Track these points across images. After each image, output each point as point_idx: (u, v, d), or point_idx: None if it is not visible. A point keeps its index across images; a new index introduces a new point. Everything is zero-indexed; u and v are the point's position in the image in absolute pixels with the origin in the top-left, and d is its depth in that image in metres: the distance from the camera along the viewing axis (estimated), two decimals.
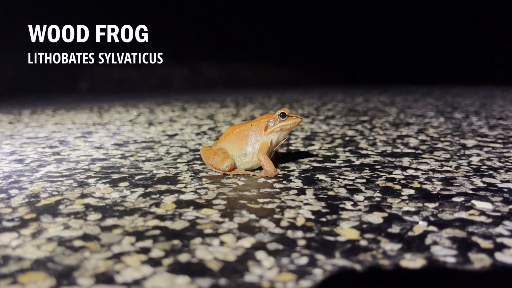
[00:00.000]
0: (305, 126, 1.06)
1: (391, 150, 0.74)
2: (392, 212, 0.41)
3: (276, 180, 0.54)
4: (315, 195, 0.47)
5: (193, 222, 0.39)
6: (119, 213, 0.42)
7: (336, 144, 0.80)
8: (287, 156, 0.70)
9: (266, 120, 0.57)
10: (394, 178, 0.55)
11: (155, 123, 1.16)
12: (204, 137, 0.91)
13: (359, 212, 0.41)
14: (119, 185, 0.52)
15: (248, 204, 0.44)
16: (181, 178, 0.56)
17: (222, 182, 0.54)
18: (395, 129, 0.99)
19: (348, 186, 0.51)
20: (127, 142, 0.86)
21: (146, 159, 0.68)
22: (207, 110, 1.51)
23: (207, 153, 0.59)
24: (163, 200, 0.46)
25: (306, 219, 0.40)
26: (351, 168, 0.60)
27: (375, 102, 1.75)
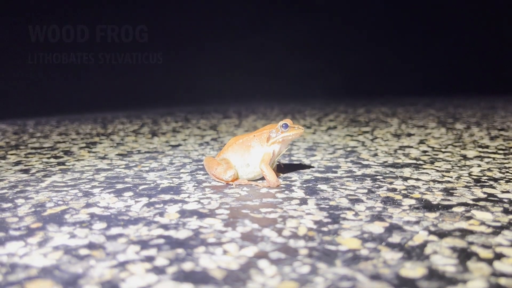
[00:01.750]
0: (307, 136, 1.07)
1: (393, 160, 0.74)
2: (393, 222, 0.42)
3: (278, 190, 0.55)
4: (317, 205, 0.48)
5: (197, 231, 0.40)
6: (123, 222, 0.42)
7: (337, 155, 0.81)
8: (289, 167, 0.70)
9: (268, 131, 0.58)
10: (395, 188, 0.55)
11: (159, 133, 1.17)
12: (207, 147, 0.92)
13: (360, 222, 0.42)
14: (123, 194, 0.53)
15: (251, 214, 0.45)
16: (185, 188, 0.56)
17: (225, 192, 0.54)
18: (396, 139, 0.99)
19: (349, 196, 0.51)
20: (131, 152, 0.86)
21: (150, 169, 0.69)
22: (210, 120, 1.52)
23: (210, 163, 0.60)
24: (167, 210, 0.46)
25: (308, 229, 0.40)
26: (353, 179, 0.61)
27: (377, 113, 1.75)
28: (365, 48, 3.51)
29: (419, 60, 3.52)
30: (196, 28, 2.87)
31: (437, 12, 3.50)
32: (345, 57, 3.46)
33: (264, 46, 3.20)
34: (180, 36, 2.83)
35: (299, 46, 3.34)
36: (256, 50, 3.17)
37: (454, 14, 3.47)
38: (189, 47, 2.88)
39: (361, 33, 3.50)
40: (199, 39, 2.93)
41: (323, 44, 3.42)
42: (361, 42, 3.51)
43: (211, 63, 2.95)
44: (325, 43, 3.43)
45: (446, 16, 3.48)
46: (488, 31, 3.41)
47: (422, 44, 3.54)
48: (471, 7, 3.48)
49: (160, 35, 2.59)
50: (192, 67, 2.89)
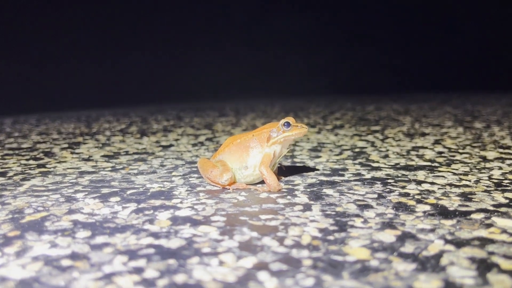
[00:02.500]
0: (311, 136, 1.07)
1: (405, 162, 0.74)
2: (405, 230, 0.42)
3: (279, 195, 0.55)
4: (322, 211, 0.48)
5: (190, 240, 0.40)
6: (110, 230, 0.42)
7: (345, 156, 0.81)
8: (292, 169, 0.70)
9: (268, 130, 0.58)
10: (408, 193, 0.55)
11: (148, 133, 1.17)
12: (201, 148, 0.92)
13: (369, 230, 0.42)
14: (109, 200, 0.53)
15: (249, 221, 0.45)
16: (177, 192, 0.56)
17: (221, 197, 0.54)
18: (409, 139, 0.99)
19: (358, 201, 0.51)
20: (118, 153, 0.86)
21: (139, 172, 0.69)
22: (205, 119, 1.52)
23: (204, 166, 0.60)
24: (158, 217, 0.46)
25: (312, 237, 0.40)
26: (361, 182, 0.61)
27: (388, 110, 1.76)
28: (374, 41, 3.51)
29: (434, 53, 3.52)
30: (190, 19, 2.87)
31: (455, 2, 3.50)
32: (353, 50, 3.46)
33: (265, 38, 3.20)
34: (172, 27, 2.83)
35: (303, 39, 3.34)
36: (256, 42, 3.17)
37: (473, 4, 3.48)
38: (182, 39, 2.88)
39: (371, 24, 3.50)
40: (193, 30, 2.93)
41: (329, 37, 3.43)
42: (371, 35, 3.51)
43: (206, 56, 2.95)
44: (331, 35, 3.43)
45: (465, 7, 3.48)
46: (510, 23, 3.42)
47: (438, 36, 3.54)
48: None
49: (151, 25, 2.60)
50: (185, 61, 2.89)
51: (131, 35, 2.63)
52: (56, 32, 2.30)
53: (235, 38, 3.09)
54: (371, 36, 3.53)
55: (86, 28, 2.42)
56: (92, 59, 2.46)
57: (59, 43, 2.31)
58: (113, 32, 2.55)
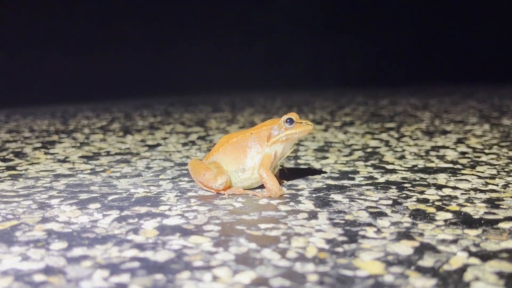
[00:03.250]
0: (317, 134, 1.07)
1: (424, 164, 0.74)
2: (424, 240, 0.42)
3: (281, 201, 0.55)
4: (330, 219, 0.48)
5: (180, 253, 0.40)
6: (88, 241, 0.42)
7: (355, 157, 0.81)
8: (295, 172, 0.70)
9: (269, 128, 0.58)
10: (427, 199, 0.55)
11: (133, 130, 1.17)
12: (192, 148, 0.92)
13: (383, 241, 0.42)
14: (88, 207, 0.53)
15: (247, 231, 0.45)
16: (165, 198, 0.56)
17: (215, 204, 0.54)
18: (428, 138, 0.99)
19: (370, 208, 0.51)
20: (98, 154, 0.86)
21: (122, 175, 0.69)
22: (197, 114, 1.52)
23: (196, 168, 0.59)
24: (143, 226, 0.46)
25: (319, 249, 0.40)
26: (374, 187, 0.61)
27: (404, 105, 1.76)
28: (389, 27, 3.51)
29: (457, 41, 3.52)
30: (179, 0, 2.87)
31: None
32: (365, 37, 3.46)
33: (265, 23, 3.20)
34: (159, 11, 2.82)
35: (308, 24, 3.34)
36: (256, 29, 3.17)
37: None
38: (170, 25, 2.88)
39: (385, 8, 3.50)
40: (183, 14, 2.92)
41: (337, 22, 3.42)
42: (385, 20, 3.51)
43: (198, 45, 2.95)
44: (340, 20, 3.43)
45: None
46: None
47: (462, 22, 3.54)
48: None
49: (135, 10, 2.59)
50: (174, 49, 2.89)
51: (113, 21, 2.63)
52: (29, 17, 2.30)
53: (230, 23, 3.08)
54: (385, 21, 3.53)
55: (62, 13, 2.42)
56: (69, 47, 2.46)
57: (32, 29, 2.31)
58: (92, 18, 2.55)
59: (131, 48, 2.70)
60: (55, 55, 2.37)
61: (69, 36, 2.48)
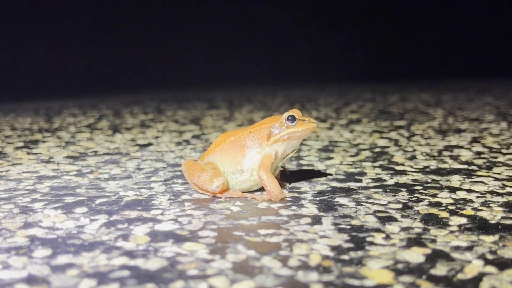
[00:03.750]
0: (321, 133, 1.07)
1: (436, 165, 0.74)
2: (436, 247, 0.42)
3: (282, 205, 0.55)
4: (335, 224, 0.48)
5: (173, 261, 0.40)
6: (74, 248, 0.42)
7: (362, 158, 0.81)
8: (298, 174, 0.70)
9: (269, 126, 0.58)
10: (439, 202, 0.55)
11: (122, 129, 1.17)
12: (186, 147, 0.92)
13: (393, 248, 0.42)
14: (74, 211, 0.53)
15: (246, 237, 0.45)
16: (157, 202, 0.56)
17: (211, 208, 0.54)
18: (441, 137, 0.99)
19: (378, 213, 0.51)
20: (85, 154, 0.86)
21: (110, 177, 0.69)
22: (191, 112, 1.52)
23: (191, 169, 0.59)
24: (133, 231, 0.46)
25: (323, 257, 0.40)
26: (383, 190, 0.61)
27: (415, 101, 1.76)
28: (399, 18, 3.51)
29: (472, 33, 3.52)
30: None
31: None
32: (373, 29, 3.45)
33: (266, 14, 3.20)
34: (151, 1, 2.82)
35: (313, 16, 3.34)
36: (255, 19, 3.17)
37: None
38: (163, 14, 2.87)
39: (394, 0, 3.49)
40: (176, 3, 2.92)
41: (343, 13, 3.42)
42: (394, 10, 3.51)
43: (192, 36, 2.95)
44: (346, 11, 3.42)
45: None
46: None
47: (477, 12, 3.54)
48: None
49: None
50: (167, 41, 2.88)
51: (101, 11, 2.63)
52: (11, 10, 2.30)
53: (228, 13, 3.08)
54: (394, 11, 3.53)
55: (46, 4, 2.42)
56: (54, 40, 2.45)
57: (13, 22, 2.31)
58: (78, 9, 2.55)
59: (120, 40, 2.69)
60: (38, 48, 2.37)
61: (54, 28, 2.47)
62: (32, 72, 2.39)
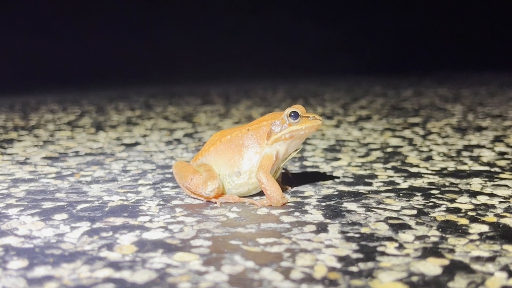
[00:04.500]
0: (327, 131, 1.07)
1: (455, 167, 0.74)
2: (455, 258, 0.42)
3: (284, 210, 0.55)
4: (342, 233, 0.48)
5: (163, 273, 0.39)
6: (54, 258, 0.42)
7: (373, 158, 0.81)
8: (301, 176, 0.70)
9: (269, 123, 0.58)
10: (458, 208, 0.55)
11: (106, 127, 1.17)
12: (178, 147, 0.92)
13: (406, 258, 0.42)
14: (53, 217, 0.53)
15: (243, 247, 0.45)
16: (145, 207, 0.56)
17: (205, 214, 0.54)
18: (460, 136, 0.99)
19: (390, 220, 0.51)
20: (65, 154, 0.86)
21: (93, 180, 0.69)
22: (183, 108, 1.52)
23: (183, 171, 0.59)
24: (119, 240, 0.46)
25: (329, 269, 0.40)
26: (395, 194, 0.61)
27: (431, 96, 1.76)
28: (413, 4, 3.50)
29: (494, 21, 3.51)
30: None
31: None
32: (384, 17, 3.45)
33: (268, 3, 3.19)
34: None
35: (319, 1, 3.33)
36: (255, 8, 3.16)
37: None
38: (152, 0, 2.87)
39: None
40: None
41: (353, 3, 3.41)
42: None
43: (184, 24, 2.94)
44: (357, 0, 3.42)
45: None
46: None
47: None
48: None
49: None
50: (155, 28, 2.88)
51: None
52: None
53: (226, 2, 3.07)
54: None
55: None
56: (31, 28, 2.45)
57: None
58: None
59: (105, 29, 2.68)
60: (14, 37, 2.36)
61: (31, 15, 2.47)
62: (6, 63, 2.38)
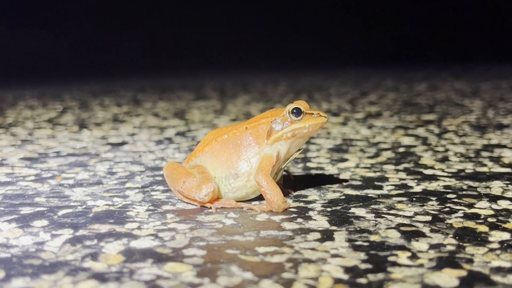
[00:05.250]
0: (333, 129, 1.07)
1: (473, 168, 0.74)
2: (473, 269, 0.42)
3: (285, 216, 0.55)
4: (349, 241, 0.48)
5: (152, 285, 0.39)
6: (33, 269, 0.42)
7: (383, 159, 0.81)
8: (304, 179, 0.70)
9: (269, 121, 0.58)
10: (477, 214, 0.55)
11: (90, 124, 1.16)
12: (169, 147, 0.92)
13: (420, 269, 0.42)
14: (32, 224, 0.53)
15: (241, 256, 0.45)
16: (133, 213, 0.56)
17: (199, 221, 0.54)
18: (479, 134, 0.99)
19: (402, 227, 0.51)
20: (45, 155, 0.86)
21: (76, 183, 0.68)
22: (174, 103, 1.52)
23: (175, 174, 0.59)
24: (104, 249, 0.46)
25: (335, 280, 0.40)
26: (408, 198, 0.61)
27: (447, 90, 1.76)
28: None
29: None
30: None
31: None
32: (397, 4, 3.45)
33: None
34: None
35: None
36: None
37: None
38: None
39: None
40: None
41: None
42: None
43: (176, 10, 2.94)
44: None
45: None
46: None
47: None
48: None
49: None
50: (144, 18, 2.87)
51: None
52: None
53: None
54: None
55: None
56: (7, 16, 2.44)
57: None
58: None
59: (88, 17, 2.68)
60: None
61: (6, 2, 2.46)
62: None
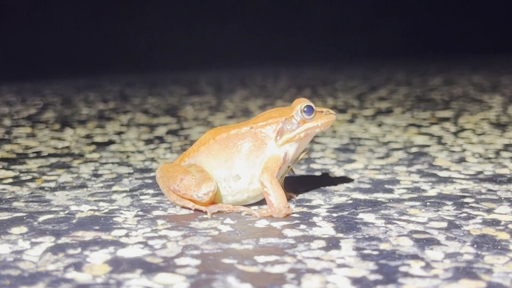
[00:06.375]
0: (340, 127, 1.07)
1: (493, 170, 0.74)
2: (492, 280, 0.42)
3: (287, 222, 0.55)
4: (357, 249, 0.48)
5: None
6: (10, 280, 0.42)
7: (394, 160, 0.81)
8: (308, 181, 0.70)
9: (279, 120, 0.57)
10: (497, 220, 0.55)
11: (73, 122, 1.16)
12: (160, 147, 0.92)
13: (435, 280, 0.42)
14: (10, 231, 0.52)
15: (238, 266, 0.45)
16: (120, 219, 0.56)
17: (192, 227, 0.54)
18: (499, 133, 0.99)
19: (415, 234, 0.51)
20: (24, 155, 0.86)
21: (58, 186, 0.68)
22: (166, 99, 1.52)
23: (171, 172, 0.58)
24: (89, 259, 0.46)
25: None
26: (421, 203, 0.61)
27: (464, 85, 1.76)
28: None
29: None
30: None
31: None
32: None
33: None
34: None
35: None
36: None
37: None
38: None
39: None
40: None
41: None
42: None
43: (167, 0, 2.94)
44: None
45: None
46: None
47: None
48: None
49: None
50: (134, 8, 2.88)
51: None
52: None
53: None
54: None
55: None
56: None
57: None
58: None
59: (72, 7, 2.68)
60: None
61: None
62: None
